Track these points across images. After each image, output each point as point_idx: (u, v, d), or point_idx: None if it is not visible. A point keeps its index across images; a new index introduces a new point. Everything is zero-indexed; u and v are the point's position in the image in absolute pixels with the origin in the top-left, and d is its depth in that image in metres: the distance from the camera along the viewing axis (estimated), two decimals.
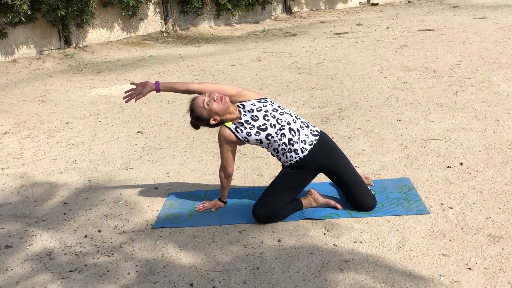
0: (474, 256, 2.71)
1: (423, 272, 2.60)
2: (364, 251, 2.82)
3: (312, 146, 3.23)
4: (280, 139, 3.20)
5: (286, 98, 6.35)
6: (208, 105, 3.18)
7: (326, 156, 3.25)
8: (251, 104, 3.26)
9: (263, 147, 3.30)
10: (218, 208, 3.44)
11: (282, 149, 3.22)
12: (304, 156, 3.21)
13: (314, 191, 3.37)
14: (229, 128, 3.23)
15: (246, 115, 3.25)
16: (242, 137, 3.21)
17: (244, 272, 2.69)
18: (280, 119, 3.22)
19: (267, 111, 3.22)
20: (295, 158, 3.22)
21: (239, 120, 3.24)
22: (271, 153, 3.31)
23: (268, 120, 3.20)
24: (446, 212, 3.20)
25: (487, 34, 10.47)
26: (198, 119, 3.28)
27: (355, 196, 3.23)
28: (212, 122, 3.24)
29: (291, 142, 3.20)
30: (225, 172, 3.34)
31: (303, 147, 3.21)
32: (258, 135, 3.19)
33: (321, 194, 3.39)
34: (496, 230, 2.96)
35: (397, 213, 3.23)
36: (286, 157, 3.24)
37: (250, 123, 3.22)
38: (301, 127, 3.25)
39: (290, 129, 3.22)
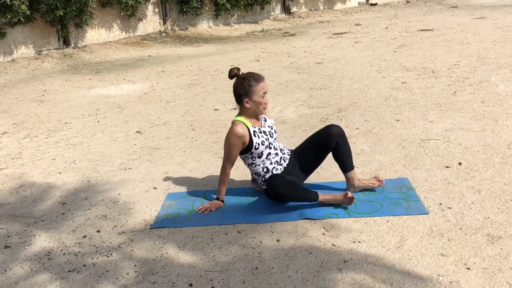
0: (473, 256, 2.72)
1: (421, 272, 2.60)
2: (363, 251, 2.83)
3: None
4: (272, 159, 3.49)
5: (285, 98, 6.36)
6: (265, 105, 3.39)
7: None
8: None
9: (252, 162, 3.46)
10: (218, 207, 3.44)
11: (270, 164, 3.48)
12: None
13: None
14: (248, 129, 3.36)
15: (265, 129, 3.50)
16: (256, 142, 3.37)
17: (243, 272, 2.69)
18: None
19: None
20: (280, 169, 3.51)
21: (260, 127, 3.44)
22: (256, 169, 3.49)
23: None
24: (444, 212, 3.20)
25: (485, 34, 10.48)
26: (244, 88, 3.35)
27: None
28: (245, 103, 3.37)
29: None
30: (227, 170, 3.43)
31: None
32: (265, 149, 3.44)
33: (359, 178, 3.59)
34: (495, 230, 2.96)
35: (396, 213, 3.23)
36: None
37: (267, 136, 3.44)
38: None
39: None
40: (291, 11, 17.27)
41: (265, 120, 3.55)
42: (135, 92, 7.17)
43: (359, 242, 2.92)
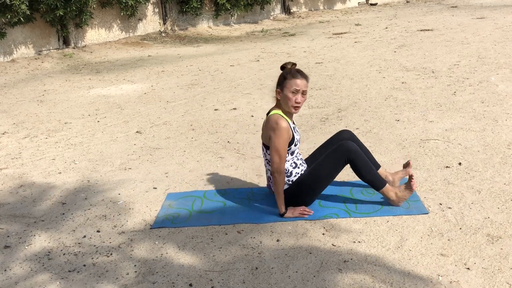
0: (473, 256, 2.71)
1: (421, 272, 2.60)
2: (363, 251, 2.83)
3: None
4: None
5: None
6: (299, 103, 3.29)
7: None
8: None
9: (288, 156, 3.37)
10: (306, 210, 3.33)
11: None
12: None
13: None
14: (289, 124, 3.29)
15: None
16: (296, 138, 3.34)
17: (243, 272, 2.69)
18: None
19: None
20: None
21: (294, 125, 3.41)
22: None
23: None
24: (444, 212, 3.20)
25: (485, 34, 10.48)
26: (280, 79, 3.31)
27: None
28: (277, 93, 3.32)
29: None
30: (283, 169, 3.24)
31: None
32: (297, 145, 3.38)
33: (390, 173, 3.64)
34: (495, 230, 2.96)
35: (396, 213, 3.23)
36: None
37: (298, 133, 3.44)
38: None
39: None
40: (291, 11, 17.27)
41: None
42: (135, 92, 7.17)
43: (359, 242, 2.92)
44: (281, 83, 3.29)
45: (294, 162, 3.37)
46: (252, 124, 5.35)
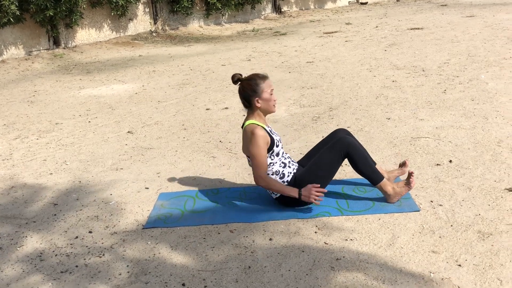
0: (464, 252, 2.73)
1: (413, 269, 2.61)
2: (355, 249, 2.84)
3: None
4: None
5: (276, 97, 6.35)
6: (274, 101, 3.39)
7: None
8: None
9: (270, 162, 3.36)
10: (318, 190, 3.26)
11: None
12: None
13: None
14: (265, 129, 3.31)
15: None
16: (275, 139, 3.35)
17: (235, 271, 2.70)
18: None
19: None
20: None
21: (269, 128, 3.42)
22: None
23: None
24: (436, 210, 3.22)
25: (475, 32, 10.54)
26: (252, 89, 3.33)
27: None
28: (256, 102, 3.33)
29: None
30: (263, 175, 3.26)
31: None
32: (281, 148, 3.42)
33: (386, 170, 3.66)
34: (486, 226, 2.99)
35: (387, 211, 3.24)
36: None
37: (276, 134, 3.46)
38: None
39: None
40: (282, 10, 17.28)
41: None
42: (126, 92, 7.15)
43: (351, 240, 2.94)
44: (256, 90, 3.32)
45: (282, 162, 3.38)
46: None
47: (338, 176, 3.83)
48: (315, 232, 3.05)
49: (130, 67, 9.19)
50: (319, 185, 3.23)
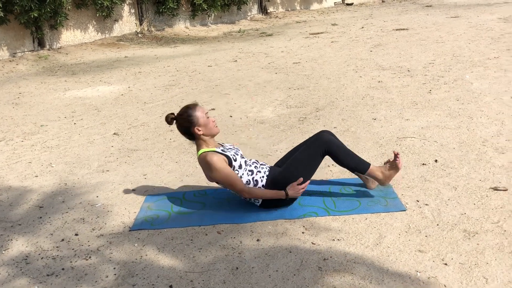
0: (450, 251, 2.75)
1: (400, 269, 2.63)
2: (342, 249, 2.85)
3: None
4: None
5: (263, 98, 6.37)
6: (214, 123, 3.40)
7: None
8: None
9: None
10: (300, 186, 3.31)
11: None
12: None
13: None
14: (216, 151, 3.32)
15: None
16: (230, 155, 3.34)
17: (223, 273, 2.70)
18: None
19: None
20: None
21: (222, 147, 3.44)
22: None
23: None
24: (422, 209, 3.24)
25: (459, 33, 10.63)
26: (187, 121, 3.35)
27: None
28: (197, 131, 3.34)
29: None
30: (242, 188, 3.28)
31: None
32: (240, 158, 3.41)
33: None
34: (471, 225, 3.01)
35: (374, 210, 3.26)
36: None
37: (232, 148, 3.46)
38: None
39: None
40: (268, 11, 17.31)
41: (222, 145, 3.54)
42: (111, 94, 7.12)
43: (338, 240, 2.95)
44: (193, 120, 3.35)
45: (249, 171, 3.39)
46: (230, 124, 5.35)
47: (325, 176, 3.85)
48: (303, 233, 3.05)
49: (115, 68, 9.15)
50: (301, 179, 3.28)
